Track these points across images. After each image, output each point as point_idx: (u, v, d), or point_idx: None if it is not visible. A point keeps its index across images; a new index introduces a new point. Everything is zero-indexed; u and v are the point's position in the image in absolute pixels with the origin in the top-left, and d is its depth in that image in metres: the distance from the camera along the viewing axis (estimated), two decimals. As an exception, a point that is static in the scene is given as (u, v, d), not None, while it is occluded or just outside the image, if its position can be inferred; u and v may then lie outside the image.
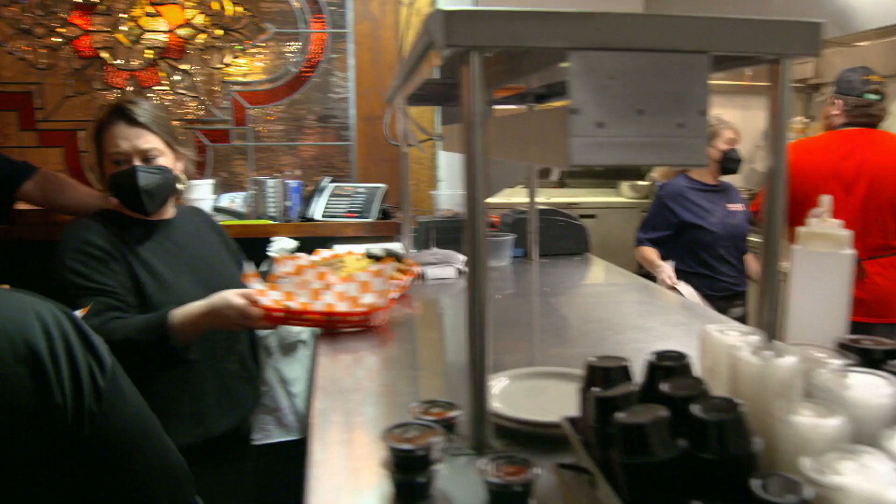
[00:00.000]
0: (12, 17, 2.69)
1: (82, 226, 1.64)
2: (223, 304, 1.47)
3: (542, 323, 1.77)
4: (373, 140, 2.77)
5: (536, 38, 0.81)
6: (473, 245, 0.87)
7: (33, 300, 0.75)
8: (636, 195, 5.30)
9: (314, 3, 2.75)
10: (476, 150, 0.84)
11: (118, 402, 0.78)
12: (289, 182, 2.55)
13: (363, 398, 1.15)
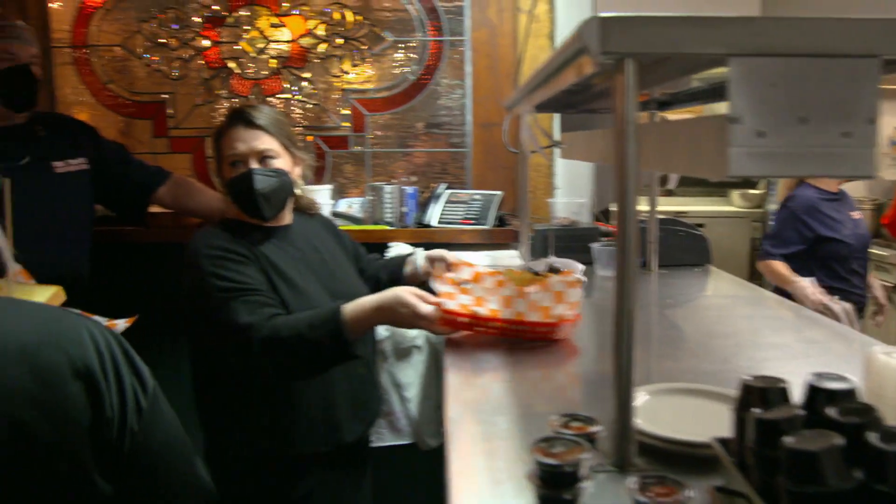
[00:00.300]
0: (150, 31, 2.84)
1: (209, 234, 1.65)
2: (395, 301, 1.46)
3: (663, 336, 1.72)
4: (489, 147, 2.77)
5: (694, 45, 0.78)
6: (623, 255, 0.85)
7: (85, 320, 0.78)
8: (747, 204, 5.09)
9: (432, 12, 2.77)
10: (629, 159, 0.81)
11: (157, 422, 0.80)
12: (405, 188, 2.58)
13: (495, 408, 1.14)
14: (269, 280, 1.60)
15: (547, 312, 1.46)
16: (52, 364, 0.71)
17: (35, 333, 0.72)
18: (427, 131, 2.83)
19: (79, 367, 0.72)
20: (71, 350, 0.73)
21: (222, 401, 1.70)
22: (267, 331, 1.46)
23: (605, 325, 1.78)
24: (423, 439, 2.38)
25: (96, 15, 2.86)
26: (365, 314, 1.48)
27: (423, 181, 2.81)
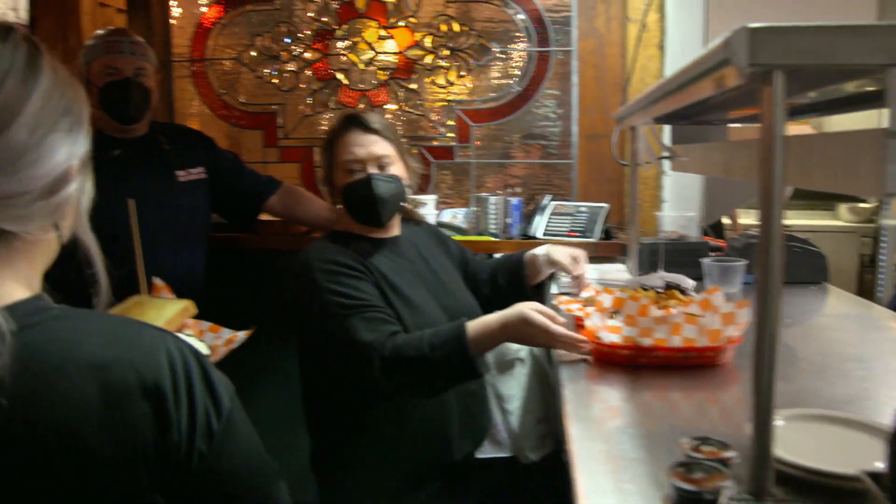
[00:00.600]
0: (262, 45, 2.94)
1: (321, 248, 1.62)
2: (521, 319, 1.41)
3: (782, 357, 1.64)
4: (594, 158, 2.73)
5: (851, 55, 0.74)
6: (767, 273, 0.81)
7: (165, 336, 0.78)
8: (856, 218, 4.84)
9: (538, 22, 2.76)
10: (776, 174, 0.78)
11: (229, 445, 0.77)
12: (510, 199, 2.58)
13: (618, 425, 1.11)
14: (383, 294, 1.57)
15: (717, 336, 1.39)
16: (120, 382, 0.71)
17: (109, 349, 0.72)
18: (531, 142, 2.81)
19: (149, 386, 0.71)
20: (143, 369, 0.72)
21: (332, 411, 1.69)
22: (389, 350, 1.43)
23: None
24: (524, 453, 2.36)
25: (213, 30, 2.98)
26: (489, 333, 1.43)
27: (527, 192, 2.80)
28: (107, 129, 2.10)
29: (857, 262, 5.16)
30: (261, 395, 2.81)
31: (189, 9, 3.00)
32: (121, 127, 2.11)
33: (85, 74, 2.06)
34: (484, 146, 2.85)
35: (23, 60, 0.72)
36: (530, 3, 2.76)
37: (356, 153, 1.64)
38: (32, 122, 0.71)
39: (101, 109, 2.06)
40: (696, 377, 1.42)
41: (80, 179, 0.80)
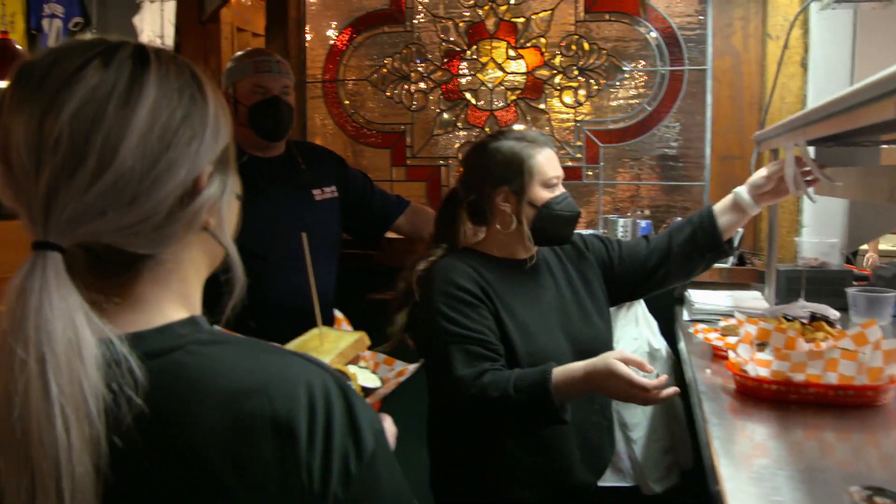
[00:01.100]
0: (392, 66, 3.01)
1: (450, 268, 1.60)
2: (605, 370, 1.34)
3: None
4: (728, 180, 2.63)
5: None
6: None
7: (311, 369, 0.72)
8: None
9: (672, 40, 2.70)
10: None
11: (370, 489, 0.71)
12: (639, 221, 2.52)
13: (773, 467, 1.06)
14: (500, 322, 1.56)
15: (878, 374, 1.30)
16: (252, 415, 0.67)
17: (249, 378, 0.69)
18: (662, 163, 2.74)
19: (281, 422, 0.67)
20: (278, 402, 0.67)
21: (453, 431, 1.70)
22: (475, 389, 1.44)
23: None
24: (648, 483, 2.29)
25: (345, 52, 3.07)
26: (573, 382, 1.39)
27: (656, 215, 2.72)
28: (247, 146, 2.11)
29: None
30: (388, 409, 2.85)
31: (322, 32, 3.10)
32: (266, 144, 2.14)
33: (231, 94, 2.11)
34: (612, 166, 2.80)
35: (125, 81, 0.67)
36: (663, 22, 2.70)
37: (559, 170, 1.64)
38: (141, 146, 0.66)
39: (248, 127, 2.10)
40: (851, 417, 1.33)
41: (219, 180, 0.76)
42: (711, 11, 2.65)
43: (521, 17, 2.86)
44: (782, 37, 2.44)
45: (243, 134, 2.09)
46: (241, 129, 2.07)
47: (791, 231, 2.47)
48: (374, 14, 3.03)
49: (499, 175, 1.62)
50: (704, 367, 1.59)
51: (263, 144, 2.15)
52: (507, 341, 1.55)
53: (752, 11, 2.60)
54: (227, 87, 2.13)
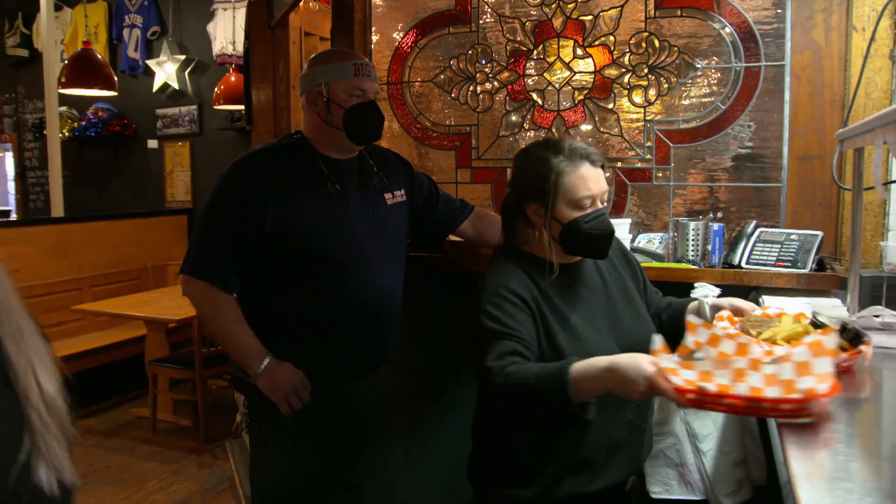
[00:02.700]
0: (458, 67, 2.98)
1: (503, 271, 1.66)
2: (631, 367, 1.33)
3: None
4: (807, 182, 2.51)
5: None
6: None
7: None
8: None
9: (748, 35, 2.58)
10: None
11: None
12: (711, 224, 2.42)
13: (859, 491, 0.98)
14: (547, 325, 1.61)
15: (790, 387, 1.20)
16: None
17: None
18: (736, 164, 2.63)
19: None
20: None
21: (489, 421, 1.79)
22: (500, 378, 1.49)
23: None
24: (718, 498, 2.20)
25: (410, 54, 3.06)
26: (593, 374, 1.38)
27: (729, 218, 2.62)
28: (324, 147, 2.10)
29: None
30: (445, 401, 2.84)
31: (388, 34, 3.10)
32: (350, 147, 2.11)
33: (324, 94, 2.04)
34: (683, 167, 2.70)
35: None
36: (739, 16, 2.59)
37: (592, 189, 1.63)
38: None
39: (338, 129, 2.05)
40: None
41: None
42: (791, 4, 2.53)
43: (589, 14, 2.80)
44: (868, 28, 2.31)
45: (328, 135, 2.08)
46: (326, 130, 2.07)
47: (876, 235, 2.33)
48: (440, 15, 3.02)
49: (529, 187, 1.68)
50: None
51: (347, 147, 2.11)
52: (556, 345, 1.60)
53: (835, 3, 2.47)
54: (316, 86, 2.05)
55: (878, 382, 1.66)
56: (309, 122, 2.11)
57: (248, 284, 2.07)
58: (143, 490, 3.86)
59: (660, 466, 2.25)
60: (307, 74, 2.08)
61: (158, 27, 6.84)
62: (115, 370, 5.23)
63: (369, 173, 2.17)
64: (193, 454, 4.35)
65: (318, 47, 4.64)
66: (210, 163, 6.65)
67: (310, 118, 2.10)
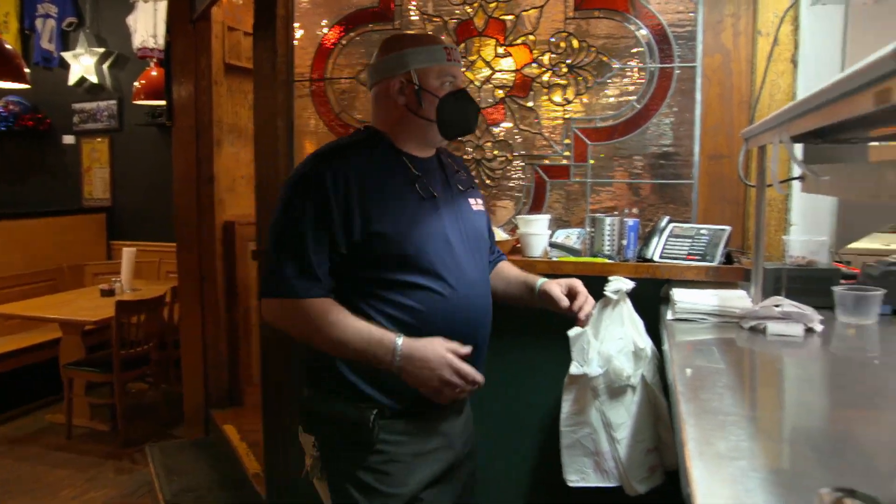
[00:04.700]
0: (381, 62, 2.98)
1: None
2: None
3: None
4: (717, 179, 2.61)
5: None
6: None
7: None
8: None
9: (661, 37, 2.67)
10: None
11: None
12: (626, 220, 2.49)
13: (745, 468, 1.03)
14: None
15: None
16: None
17: None
18: (650, 161, 2.72)
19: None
20: None
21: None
22: None
23: (852, 379, 1.60)
24: (631, 484, 2.27)
25: (333, 51, 3.05)
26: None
27: (643, 213, 2.70)
28: (405, 142, 1.81)
29: None
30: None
31: (311, 30, 3.08)
32: (439, 141, 1.84)
33: (413, 82, 1.75)
34: (600, 165, 2.77)
35: None
36: (653, 19, 2.68)
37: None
38: None
39: (429, 120, 1.77)
40: (830, 419, 1.31)
41: None
42: (702, 8, 2.62)
43: (510, 14, 2.84)
44: (772, 33, 2.42)
45: (415, 128, 1.79)
46: (414, 122, 1.78)
47: (779, 230, 2.44)
48: (363, 12, 3.01)
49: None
50: (685, 367, 1.56)
51: (434, 142, 1.84)
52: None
53: (742, 8, 2.57)
54: (404, 72, 1.76)
55: (779, 369, 1.75)
56: (388, 115, 1.80)
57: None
58: (57, 499, 3.73)
59: (576, 456, 2.31)
60: (388, 59, 1.78)
61: (75, 18, 6.61)
62: (27, 375, 5.04)
63: (450, 172, 1.91)
64: (111, 460, 4.23)
65: (242, 42, 4.58)
66: (130, 159, 6.47)
67: (390, 109, 1.79)
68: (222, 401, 4.43)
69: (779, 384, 1.66)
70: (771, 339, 1.83)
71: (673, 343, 1.82)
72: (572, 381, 2.29)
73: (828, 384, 1.62)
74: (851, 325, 1.98)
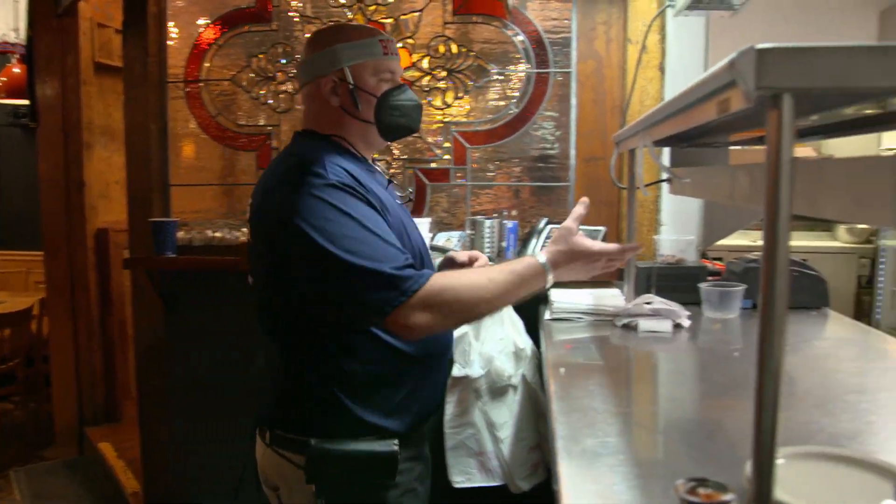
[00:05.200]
0: (258, 66, 2.91)
1: None
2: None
3: (783, 387, 1.59)
4: (592, 182, 2.70)
5: (865, 78, 0.70)
6: (770, 306, 0.77)
7: None
8: (855, 240, 4.83)
9: (538, 43, 2.74)
10: (783, 203, 0.73)
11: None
12: (505, 222, 2.53)
13: (612, 464, 1.06)
14: None
15: None
16: None
17: None
18: (528, 165, 2.78)
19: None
20: None
21: None
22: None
23: (716, 371, 1.69)
24: (515, 482, 2.31)
25: (209, 51, 2.95)
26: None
27: (523, 215, 2.76)
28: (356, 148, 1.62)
29: (854, 284, 5.15)
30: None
31: (186, 30, 2.97)
32: (378, 144, 1.68)
33: (346, 80, 1.56)
34: (480, 168, 2.81)
35: None
36: (530, 25, 2.74)
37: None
38: None
39: (366, 122, 1.59)
40: (692, 415, 1.37)
41: None
42: (576, 16, 2.70)
43: (390, 17, 2.83)
44: (641, 41, 2.52)
45: (353, 130, 1.60)
46: (351, 124, 1.59)
47: (651, 230, 2.55)
48: (240, 12, 2.93)
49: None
50: (560, 366, 1.60)
51: (375, 144, 1.67)
52: None
53: (613, 17, 2.67)
54: (336, 70, 1.57)
55: (649, 364, 1.82)
56: (323, 117, 1.62)
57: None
58: None
59: (461, 457, 2.33)
60: (318, 56, 1.61)
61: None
62: None
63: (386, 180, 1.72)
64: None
65: (113, 40, 4.36)
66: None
67: (324, 111, 1.61)
68: (98, 417, 4.21)
69: (649, 379, 1.73)
70: (642, 336, 1.90)
71: (550, 342, 1.87)
72: (455, 382, 2.31)
73: (694, 377, 1.70)
74: (716, 319, 2.09)
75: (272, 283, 1.52)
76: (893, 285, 4.90)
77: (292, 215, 1.37)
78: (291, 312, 1.50)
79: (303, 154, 1.51)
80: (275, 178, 1.48)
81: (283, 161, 1.54)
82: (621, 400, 1.40)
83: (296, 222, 1.37)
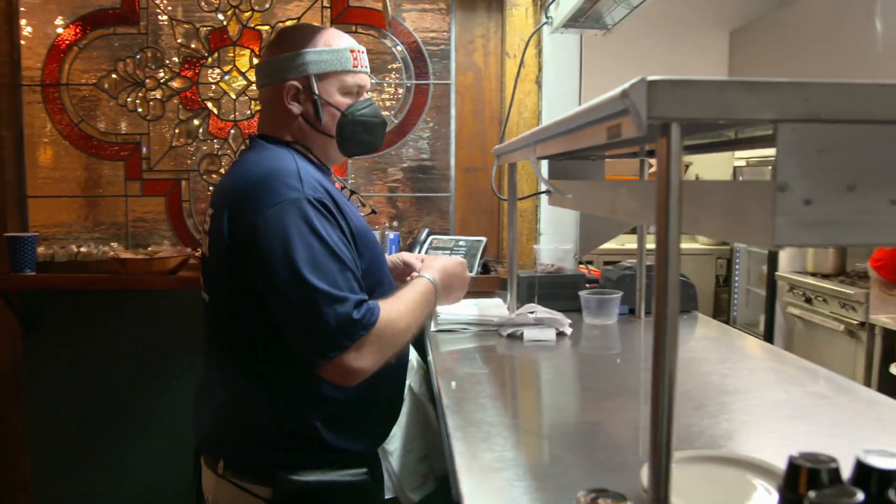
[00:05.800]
0: (125, 70, 2.77)
1: None
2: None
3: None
4: (472, 192, 2.74)
5: (745, 110, 0.75)
6: (664, 318, 0.80)
7: None
8: (713, 242, 5.18)
9: (417, 54, 2.75)
10: (672, 225, 0.77)
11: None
12: (387, 233, 2.53)
13: (510, 478, 1.08)
14: None
15: None
16: None
17: None
18: (409, 175, 2.79)
19: None
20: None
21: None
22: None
23: (596, 377, 1.75)
24: (406, 494, 2.30)
25: (70, 53, 2.78)
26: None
27: (404, 226, 2.76)
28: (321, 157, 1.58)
29: (713, 283, 5.50)
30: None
31: (42, 28, 2.78)
32: (338, 158, 1.62)
33: (309, 90, 1.50)
34: (361, 178, 2.79)
35: None
36: (409, 36, 2.75)
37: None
38: None
39: (329, 135, 1.54)
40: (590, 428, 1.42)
41: None
42: (454, 28, 2.74)
43: (266, 24, 2.77)
44: (519, 55, 2.58)
45: (313, 139, 1.55)
46: (310, 133, 1.54)
47: (531, 239, 2.62)
48: (104, 13, 2.78)
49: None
50: (450, 379, 1.61)
51: (335, 158, 1.61)
52: None
53: (491, 30, 2.73)
54: (300, 77, 1.50)
55: (536, 373, 1.86)
56: (280, 123, 1.54)
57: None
58: None
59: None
60: (282, 59, 1.51)
61: None
62: None
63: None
64: None
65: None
66: None
67: (282, 117, 1.53)
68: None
69: (537, 388, 1.77)
70: (527, 345, 1.95)
71: (437, 353, 1.88)
72: (342, 397, 2.28)
73: (578, 384, 1.75)
74: (596, 325, 2.17)
75: (235, 301, 1.42)
76: (747, 284, 5.27)
77: (269, 231, 1.31)
78: (259, 330, 1.40)
79: (272, 164, 1.42)
80: (245, 190, 1.39)
81: (250, 170, 1.43)
82: (513, 411, 1.43)
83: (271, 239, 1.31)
